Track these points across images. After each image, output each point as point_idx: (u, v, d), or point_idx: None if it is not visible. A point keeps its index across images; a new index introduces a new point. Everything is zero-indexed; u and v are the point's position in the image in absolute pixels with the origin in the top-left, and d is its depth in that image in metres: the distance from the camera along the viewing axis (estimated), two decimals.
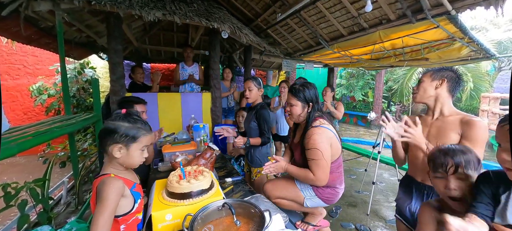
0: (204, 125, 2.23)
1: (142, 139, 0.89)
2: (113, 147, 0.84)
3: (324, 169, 1.28)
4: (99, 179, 0.84)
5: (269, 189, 1.48)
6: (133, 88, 3.22)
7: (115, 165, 0.89)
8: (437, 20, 2.13)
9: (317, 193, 1.41)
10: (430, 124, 1.24)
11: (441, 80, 1.19)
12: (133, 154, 0.88)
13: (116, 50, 2.61)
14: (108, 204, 0.75)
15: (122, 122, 0.87)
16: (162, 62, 5.67)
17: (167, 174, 1.66)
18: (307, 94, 1.37)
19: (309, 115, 1.38)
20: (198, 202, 1.03)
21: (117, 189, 0.79)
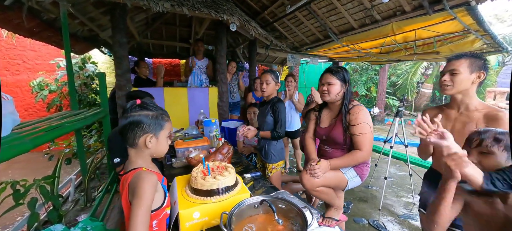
0: (215, 120, 2.18)
1: (167, 125, 0.89)
2: (144, 139, 0.82)
3: (371, 142, 1.34)
4: (131, 174, 0.79)
5: (308, 179, 1.37)
6: (138, 83, 3.15)
7: (145, 158, 0.86)
8: (455, 11, 2.07)
9: (358, 172, 1.45)
10: (454, 119, 1.19)
11: (480, 73, 1.10)
12: (162, 141, 0.87)
13: (121, 43, 2.54)
14: (146, 198, 0.72)
15: (145, 112, 0.84)
16: (164, 57, 5.56)
17: (182, 170, 1.63)
18: (346, 75, 1.42)
19: (344, 95, 1.43)
20: (225, 199, 0.99)
21: (153, 183, 0.76)
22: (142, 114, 0.83)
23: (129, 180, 0.78)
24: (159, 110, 0.89)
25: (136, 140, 0.82)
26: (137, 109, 0.84)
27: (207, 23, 3.52)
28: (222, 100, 3.30)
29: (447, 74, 1.16)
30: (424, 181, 1.38)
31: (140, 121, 0.82)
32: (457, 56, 1.15)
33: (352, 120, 1.35)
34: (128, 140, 0.83)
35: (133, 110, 0.84)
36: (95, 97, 4.49)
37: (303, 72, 7.27)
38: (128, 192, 0.77)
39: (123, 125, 0.83)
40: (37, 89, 4.10)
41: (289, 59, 4.44)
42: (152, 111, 0.86)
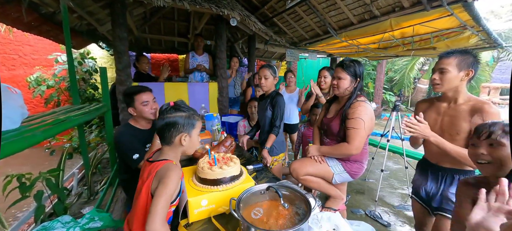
0: (217, 114, 2.21)
1: (198, 124, 0.97)
2: (179, 137, 0.90)
3: (361, 139, 1.34)
4: (161, 163, 0.85)
5: (297, 166, 1.48)
6: (139, 78, 3.15)
7: (177, 154, 0.94)
8: (452, 7, 2.12)
9: (345, 167, 1.47)
10: (443, 113, 1.24)
11: (468, 71, 1.13)
12: (194, 139, 0.95)
13: (121, 38, 2.53)
14: (171, 188, 0.78)
15: (179, 113, 0.91)
16: (163, 52, 5.53)
17: (186, 163, 1.66)
18: (357, 70, 1.41)
19: (354, 89, 1.43)
20: (231, 187, 1.03)
21: (179, 177, 0.83)
22: (177, 115, 0.90)
23: (158, 168, 0.84)
24: (190, 110, 0.96)
25: (172, 139, 0.90)
26: (171, 110, 0.91)
27: (206, 18, 3.51)
28: (222, 95, 3.32)
29: (437, 72, 1.20)
30: (416, 169, 1.45)
31: (176, 122, 0.89)
32: (447, 53, 1.18)
33: (349, 114, 1.38)
34: (165, 139, 0.91)
35: (169, 111, 0.91)
36: (94, 93, 4.47)
37: (302, 68, 7.31)
38: (153, 179, 0.83)
39: (161, 126, 0.90)
40: (34, 85, 4.07)
41: (288, 54, 4.46)
42: (185, 112, 0.93)
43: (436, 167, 1.29)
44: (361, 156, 1.47)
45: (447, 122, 1.20)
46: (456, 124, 1.16)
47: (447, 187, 1.24)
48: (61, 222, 1.40)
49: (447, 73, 1.15)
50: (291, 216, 0.76)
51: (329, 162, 1.49)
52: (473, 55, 1.15)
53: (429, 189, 1.32)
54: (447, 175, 1.24)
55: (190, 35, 4.66)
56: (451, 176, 1.23)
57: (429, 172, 1.32)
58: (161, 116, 0.91)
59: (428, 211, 1.36)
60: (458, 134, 1.15)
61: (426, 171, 1.35)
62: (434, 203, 1.30)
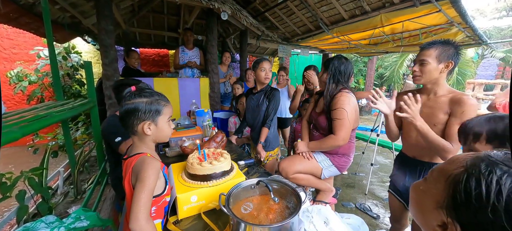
0: (208, 110, 2.18)
1: (165, 109, 0.88)
2: (141, 126, 0.82)
3: (347, 129, 1.34)
4: (135, 158, 0.80)
5: (285, 166, 1.49)
6: (127, 73, 3.06)
7: (148, 144, 0.87)
8: (440, 3, 2.16)
9: (333, 161, 1.49)
10: (423, 104, 1.24)
11: (447, 63, 1.13)
12: (162, 127, 0.87)
13: (107, 31, 2.44)
14: (149, 182, 0.73)
15: (140, 99, 0.83)
16: (152, 47, 5.38)
17: (176, 159, 1.63)
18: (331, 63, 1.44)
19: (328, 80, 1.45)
20: (222, 183, 1.01)
21: (156, 169, 0.77)
22: (136, 102, 0.82)
23: (133, 164, 0.79)
24: (155, 95, 0.87)
25: (135, 128, 0.82)
26: (132, 96, 0.83)
27: (197, 12, 3.44)
28: (213, 90, 3.28)
29: (417, 64, 1.20)
30: (394, 165, 1.46)
31: (135, 109, 0.81)
32: (428, 45, 1.16)
33: (332, 105, 1.39)
34: (128, 128, 0.83)
35: (129, 97, 0.83)
36: (80, 89, 4.31)
37: (294, 63, 7.32)
38: (131, 176, 0.78)
39: (121, 113, 0.82)
40: (15, 80, 3.87)
41: (280, 50, 4.45)
42: (147, 98, 0.84)
43: (414, 161, 1.28)
44: (348, 150, 1.49)
45: (426, 113, 1.21)
46: (435, 115, 1.17)
47: None
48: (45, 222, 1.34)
49: (427, 65, 1.15)
50: (281, 210, 0.75)
51: (317, 158, 1.50)
52: (454, 46, 1.13)
53: (408, 184, 1.31)
54: (425, 169, 1.24)
55: (180, 29, 4.55)
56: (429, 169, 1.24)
57: (407, 166, 1.32)
58: (122, 102, 0.83)
59: (404, 206, 1.37)
60: (435, 126, 1.16)
61: (404, 166, 1.35)
62: None
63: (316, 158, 1.51)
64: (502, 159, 0.34)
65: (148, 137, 0.85)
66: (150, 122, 0.83)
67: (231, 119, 2.41)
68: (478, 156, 0.37)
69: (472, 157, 0.37)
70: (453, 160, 0.40)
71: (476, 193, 0.32)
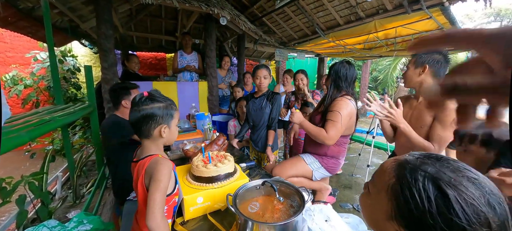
0: (208, 113, 2.21)
1: (176, 114, 0.92)
2: (158, 130, 0.86)
3: (337, 131, 1.40)
4: (147, 160, 0.83)
5: (278, 171, 1.55)
6: (126, 77, 3.06)
7: (159, 146, 0.90)
8: (431, 10, 2.26)
9: (322, 163, 1.55)
10: (414, 107, 1.33)
11: (422, 67, 1.21)
12: (174, 130, 0.92)
13: (107, 35, 2.45)
14: (163, 183, 0.76)
15: (157, 104, 0.86)
16: (149, 51, 5.39)
17: (178, 162, 1.65)
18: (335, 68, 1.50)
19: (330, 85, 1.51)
20: (226, 184, 1.05)
21: (169, 169, 0.81)
22: (154, 107, 0.85)
23: (146, 165, 0.82)
24: (167, 100, 0.91)
25: (151, 132, 0.86)
26: (147, 101, 0.86)
27: (195, 17, 3.48)
28: (212, 94, 3.31)
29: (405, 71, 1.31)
30: None
31: (153, 114, 0.84)
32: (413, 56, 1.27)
33: (330, 107, 1.46)
34: (142, 132, 0.86)
35: (144, 102, 0.85)
36: (76, 92, 4.28)
37: (291, 67, 7.41)
38: (144, 177, 0.81)
39: (137, 118, 0.85)
40: (10, 84, 3.83)
41: (277, 53, 4.52)
42: (162, 102, 0.88)
43: None
44: (338, 153, 1.55)
45: (415, 115, 1.29)
46: (421, 117, 1.25)
47: None
48: (47, 226, 1.35)
49: (407, 71, 1.26)
50: (286, 209, 0.79)
51: (307, 160, 1.56)
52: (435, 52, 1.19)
53: None
54: None
55: (178, 33, 4.58)
56: None
57: None
58: (136, 108, 0.84)
59: None
60: (422, 127, 1.24)
61: None
62: None
63: (306, 160, 1.57)
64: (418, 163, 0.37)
65: (161, 139, 0.88)
66: (166, 126, 0.87)
67: (231, 122, 2.44)
68: (400, 164, 0.39)
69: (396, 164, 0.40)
70: (384, 170, 0.42)
71: (413, 202, 0.35)
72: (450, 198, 0.33)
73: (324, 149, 1.53)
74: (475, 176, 0.35)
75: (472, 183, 0.34)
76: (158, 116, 0.85)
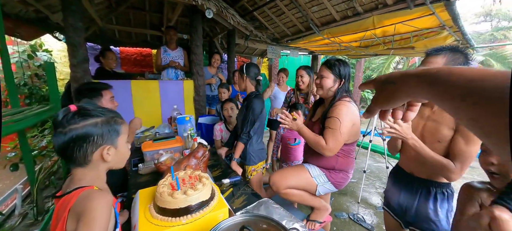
0: (190, 117, 1.96)
1: (123, 127, 0.73)
2: (99, 153, 0.66)
3: (337, 140, 1.22)
4: (74, 194, 0.60)
5: (277, 179, 1.35)
6: (101, 75, 2.76)
7: (100, 175, 0.69)
8: (434, 6, 2.08)
9: (329, 178, 1.36)
10: (427, 117, 1.12)
11: None
12: (122, 149, 0.73)
13: (76, 28, 2.16)
14: (100, 224, 0.55)
15: (91, 120, 0.65)
16: (133, 46, 5.04)
17: (150, 177, 1.41)
18: (342, 70, 1.31)
19: (338, 90, 1.32)
20: (199, 218, 0.82)
21: (108, 205, 0.59)
22: (88, 124, 0.64)
23: (72, 202, 0.58)
24: (108, 113, 0.70)
25: (89, 158, 0.65)
26: (76, 119, 0.63)
27: (180, 9, 3.21)
28: (198, 94, 3.05)
29: None
30: (389, 179, 1.34)
31: (87, 134, 0.63)
32: (436, 51, 1.02)
33: (328, 113, 1.29)
34: (75, 160, 0.64)
35: (72, 121, 0.63)
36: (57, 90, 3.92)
37: (284, 64, 7.20)
38: (67, 220, 0.57)
39: (63, 143, 0.62)
40: None
41: (269, 50, 4.30)
42: (99, 117, 0.66)
43: (411, 177, 1.18)
44: (346, 166, 1.36)
45: (429, 127, 1.08)
46: (439, 130, 1.04)
47: (423, 201, 1.13)
48: None
49: None
50: None
51: (312, 173, 1.36)
52: (464, 54, 0.99)
53: (402, 202, 1.21)
54: (423, 187, 1.13)
55: (163, 27, 4.28)
56: (427, 189, 1.12)
57: (403, 182, 1.21)
58: (60, 129, 0.62)
59: (400, 225, 1.26)
60: (439, 142, 1.04)
61: (399, 182, 1.24)
62: (408, 217, 1.19)
63: (311, 172, 1.37)
64: None
65: (104, 164, 0.68)
66: (110, 146, 0.67)
67: (217, 127, 2.21)
68: None
69: None
70: None
71: None
72: None
73: (332, 162, 1.34)
74: None
75: None
76: (95, 136, 0.64)
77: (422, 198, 1.13)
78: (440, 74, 0.28)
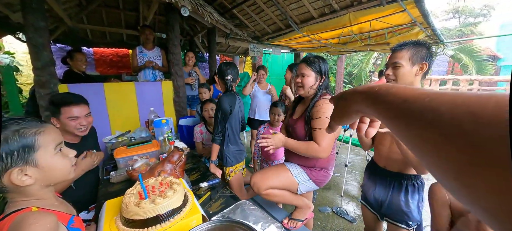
0: (167, 120, 1.89)
1: (43, 138, 0.59)
2: (7, 178, 0.54)
3: (330, 139, 1.20)
4: (8, 220, 0.52)
5: (258, 180, 1.32)
6: (70, 79, 2.58)
7: (35, 194, 0.59)
8: (405, 3, 2.16)
9: (311, 176, 1.35)
10: None
11: (422, 65, 1.04)
12: (49, 164, 0.60)
13: (38, 28, 1.99)
14: None
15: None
16: (108, 46, 4.78)
17: (123, 186, 1.34)
18: (322, 67, 1.29)
19: (319, 88, 1.30)
20: (169, 226, 0.78)
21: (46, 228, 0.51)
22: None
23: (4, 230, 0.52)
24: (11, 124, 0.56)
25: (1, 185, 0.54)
26: None
27: (156, 7, 3.08)
28: (178, 95, 2.96)
29: (390, 67, 1.10)
30: (365, 173, 1.39)
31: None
32: (399, 46, 1.07)
33: (313, 113, 1.25)
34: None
35: None
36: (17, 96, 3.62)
37: (267, 63, 7.21)
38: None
39: None
40: None
41: (251, 49, 4.27)
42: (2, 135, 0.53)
43: (384, 171, 1.23)
44: (327, 163, 1.36)
45: None
46: None
47: (395, 194, 1.18)
48: None
49: (401, 68, 1.05)
50: None
51: (293, 171, 1.35)
52: (426, 47, 1.05)
53: (377, 195, 1.26)
54: (395, 180, 1.19)
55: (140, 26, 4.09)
56: (399, 181, 1.18)
57: (378, 177, 1.26)
58: None
59: (377, 217, 1.31)
60: None
61: (374, 176, 1.29)
62: (383, 210, 1.25)
63: (292, 171, 1.36)
64: None
65: (29, 187, 0.58)
66: (21, 168, 0.56)
67: (197, 128, 2.15)
68: None
69: None
70: None
71: None
72: None
73: (313, 161, 1.33)
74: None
75: None
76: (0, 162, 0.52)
77: (395, 190, 1.18)
78: (380, 92, 0.27)
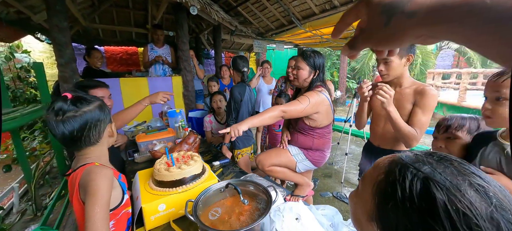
0: (180, 110, 2.08)
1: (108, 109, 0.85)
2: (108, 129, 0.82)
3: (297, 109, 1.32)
4: (79, 171, 0.71)
5: (262, 159, 1.49)
6: (89, 74, 2.80)
7: (103, 151, 0.81)
8: None
9: (307, 156, 1.51)
10: None
11: (408, 56, 1.20)
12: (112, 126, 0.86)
13: (61, 28, 2.20)
14: (102, 194, 0.64)
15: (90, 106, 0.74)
16: (118, 45, 5.00)
17: (146, 165, 1.54)
18: (317, 61, 1.40)
19: (312, 81, 1.42)
20: (192, 187, 0.97)
21: (108, 177, 0.69)
22: (96, 106, 0.76)
23: (79, 178, 0.70)
24: (94, 98, 0.80)
25: (101, 135, 0.78)
26: (83, 103, 0.73)
27: (165, 6, 3.25)
28: (187, 89, 3.15)
29: (381, 63, 1.23)
30: (362, 153, 1.54)
31: (99, 114, 0.76)
32: None
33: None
34: (86, 141, 0.74)
35: (81, 105, 0.72)
36: (36, 93, 3.87)
37: (270, 58, 7.35)
38: (79, 191, 0.69)
39: (75, 130, 0.70)
40: None
41: (256, 45, 4.42)
42: (95, 101, 0.78)
43: (379, 149, 1.37)
44: (322, 145, 1.51)
45: (394, 105, 1.26)
46: (402, 106, 1.24)
47: None
48: None
49: (392, 63, 1.20)
50: (252, 212, 0.73)
51: (291, 151, 1.52)
52: None
53: None
54: None
55: (148, 25, 4.28)
56: None
57: (373, 155, 1.40)
58: (71, 113, 0.69)
59: None
60: (402, 116, 1.23)
61: (370, 155, 1.43)
62: None
63: (291, 151, 1.53)
64: (413, 160, 0.32)
65: (109, 140, 0.83)
66: (111, 123, 0.82)
67: (206, 118, 2.33)
68: (394, 160, 0.35)
69: (390, 161, 0.35)
70: (377, 165, 0.38)
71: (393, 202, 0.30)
72: (437, 202, 0.26)
73: (309, 143, 1.50)
74: (483, 183, 0.28)
75: (475, 190, 0.27)
76: (103, 116, 0.77)
77: None
78: None
